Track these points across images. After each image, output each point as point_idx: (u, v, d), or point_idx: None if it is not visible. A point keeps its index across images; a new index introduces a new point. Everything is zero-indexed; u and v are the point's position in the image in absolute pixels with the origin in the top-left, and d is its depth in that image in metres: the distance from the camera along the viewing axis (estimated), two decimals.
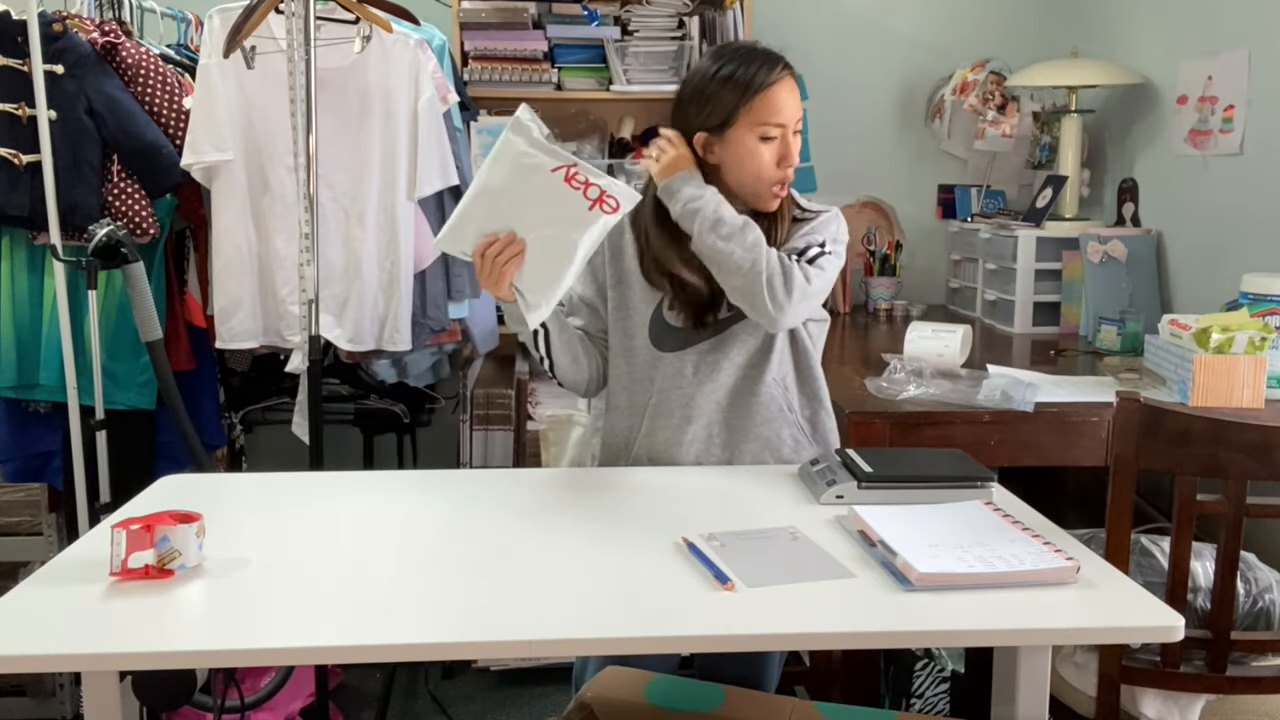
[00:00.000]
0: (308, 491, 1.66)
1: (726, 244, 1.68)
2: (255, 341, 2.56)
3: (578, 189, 1.60)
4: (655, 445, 1.81)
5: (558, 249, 1.62)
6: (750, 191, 1.76)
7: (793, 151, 1.74)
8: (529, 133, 1.61)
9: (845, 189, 3.48)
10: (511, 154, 1.61)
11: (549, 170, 1.60)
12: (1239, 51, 2.58)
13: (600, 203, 1.60)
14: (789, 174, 1.75)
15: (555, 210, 1.61)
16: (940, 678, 2.43)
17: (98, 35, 2.43)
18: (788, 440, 1.82)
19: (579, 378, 1.85)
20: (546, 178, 1.60)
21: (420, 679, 2.93)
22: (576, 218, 1.60)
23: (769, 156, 1.73)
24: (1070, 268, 2.98)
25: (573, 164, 1.60)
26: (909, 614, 1.22)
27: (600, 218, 1.61)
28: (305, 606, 1.23)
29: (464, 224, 1.65)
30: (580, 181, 1.60)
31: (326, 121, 2.36)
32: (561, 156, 1.61)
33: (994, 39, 3.44)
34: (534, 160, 1.60)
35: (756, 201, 1.77)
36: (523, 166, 1.60)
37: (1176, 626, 1.19)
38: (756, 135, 1.72)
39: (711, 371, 1.79)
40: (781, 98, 1.72)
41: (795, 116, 1.74)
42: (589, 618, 1.21)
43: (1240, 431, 1.56)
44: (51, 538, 2.67)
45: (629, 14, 3.04)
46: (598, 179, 1.61)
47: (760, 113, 1.72)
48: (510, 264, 1.61)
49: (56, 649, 1.13)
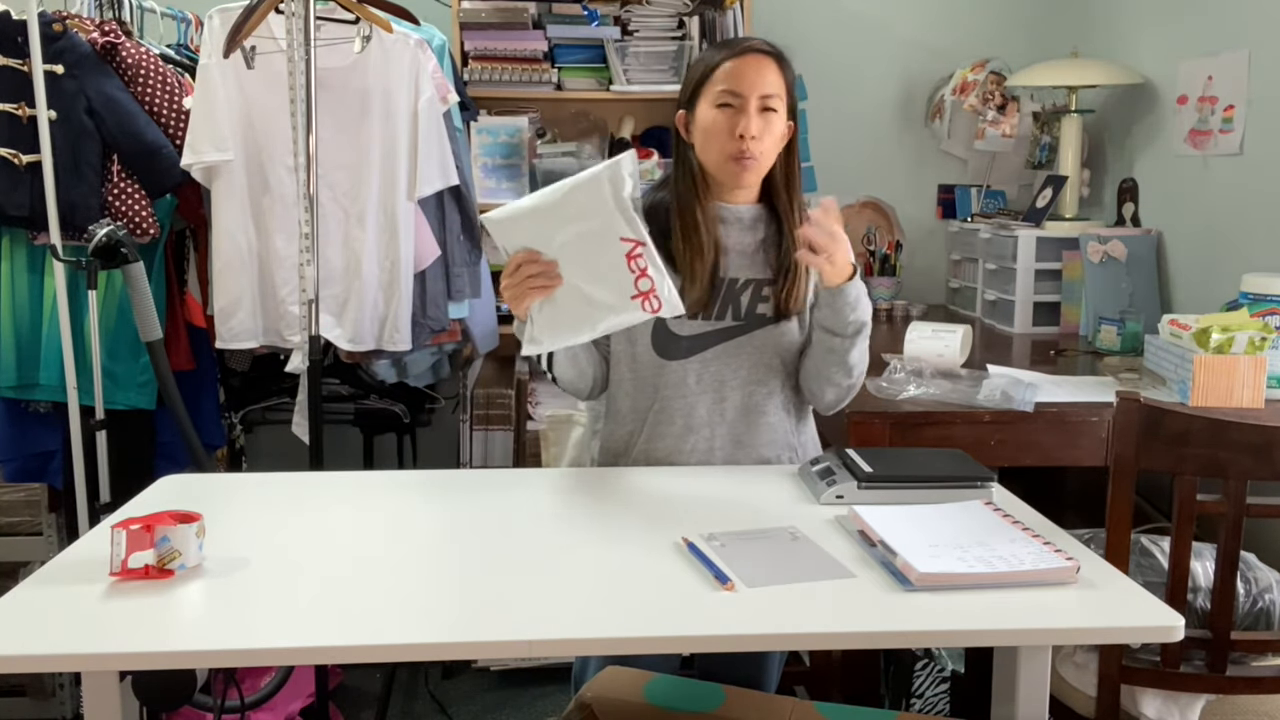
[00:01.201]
0: (308, 491, 1.66)
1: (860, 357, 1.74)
2: (255, 341, 2.56)
3: (634, 272, 1.55)
4: (654, 452, 1.80)
5: (584, 311, 1.59)
6: (715, 165, 1.74)
7: (752, 123, 1.69)
8: (622, 186, 1.54)
9: (845, 189, 3.48)
10: (595, 195, 1.54)
11: (619, 236, 1.55)
12: (1239, 51, 2.58)
13: (646, 298, 1.56)
14: (748, 146, 1.69)
15: (603, 276, 1.56)
16: (940, 678, 2.43)
17: (98, 35, 2.43)
18: (785, 461, 1.83)
19: (581, 385, 1.84)
20: (613, 241, 1.55)
21: (420, 679, 2.93)
22: (616, 296, 1.57)
23: (724, 125, 1.70)
24: (1070, 268, 2.98)
25: (643, 242, 1.55)
26: (909, 614, 1.22)
27: (636, 311, 1.57)
28: (305, 606, 1.23)
29: (518, 223, 1.60)
30: (639, 266, 1.55)
31: (326, 121, 2.36)
32: (637, 230, 1.55)
33: (994, 39, 3.44)
34: (611, 217, 1.54)
35: (724, 177, 1.74)
36: (599, 214, 1.54)
37: (1176, 626, 1.19)
38: (713, 104, 1.71)
39: (716, 383, 1.77)
40: (740, 68, 1.70)
41: (758, 89, 1.69)
42: (589, 618, 1.21)
43: (1240, 431, 1.56)
44: (51, 538, 2.67)
45: (629, 14, 3.04)
46: (656, 274, 1.56)
47: (717, 82, 1.71)
48: (539, 292, 1.59)
49: (56, 649, 1.13)
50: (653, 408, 1.80)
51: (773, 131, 1.73)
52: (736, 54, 1.72)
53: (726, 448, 1.80)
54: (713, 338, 1.77)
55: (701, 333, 1.77)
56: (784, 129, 1.75)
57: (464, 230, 2.66)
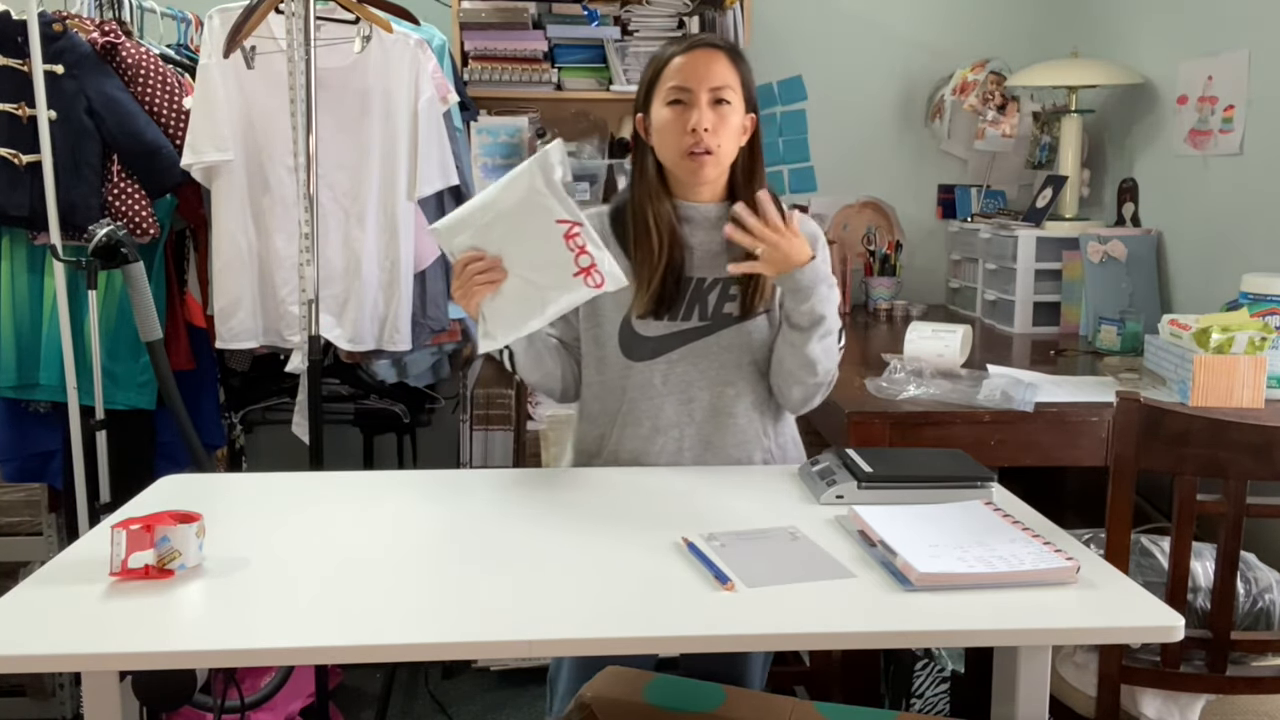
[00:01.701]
0: (308, 491, 1.66)
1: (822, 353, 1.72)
2: (255, 341, 2.56)
3: (573, 250, 1.58)
4: (623, 454, 1.79)
5: (533, 298, 1.61)
6: (671, 162, 1.73)
7: (704, 116, 1.67)
8: (552, 172, 1.58)
9: (845, 189, 3.48)
10: (527, 185, 1.59)
11: (554, 219, 1.58)
12: (1239, 51, 2.58)
13: (587, 274, 1.59)
14: (703, 140, 1.68)
15: (544, 260, 1.59)
16: (940, 678, 2.43)
17: (98, 35, 2.43)
18: (759, 462, 1.81)
19: (551, 386, 1.83)
20: (550, 225, 1.58)
21: (420, 679, 2.93)
22: (560, 277, 1.59)
23: (676, 121, 1.69)
24: (1070, 268, 2.98)
25: (578, 223, 1.58)
26: (909, 614, 1.22)
27: (581, 288, 1.60)
28: (305, 606, 1.23)
29: (460, 226, 1.64)
30: (578, 245, 1.58)
31: (326, 121, 2.36)
32: (571, 210, 1.58)
33: (994, 39, 3.44)
34: (545, 202, 1.58)
35: (681, 173, 1.74)
36: (532, 203, 1.58)
37: (1176, 626, 1.19)
38: (664, 102, 1.70)
39: (683, 384, 1.76)
40: (688, 63, 1.70)
41: (707, 82, 1.68)
42: (589, 618, 1.21)
43: (1240, 431, 1.56)
44: (51, 538, 2.67)
45: (629, 14, 3.04)
46: (595, 249, 1.59)
47: (667, 78, 1.71)
48: (485, 288, 1.61)
49: (56, 649, 1.13)
50: (621, 409, 1.78)
51: (727, 124, 1.71)
52: (684, 50, 1.72)
53: (695, 449, 1.78)
54: (678, 339, 1.76)
55: (667, 334, 1.75)
56: (741, 122, 1.73)
57: None
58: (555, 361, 1.80)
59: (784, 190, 3.49)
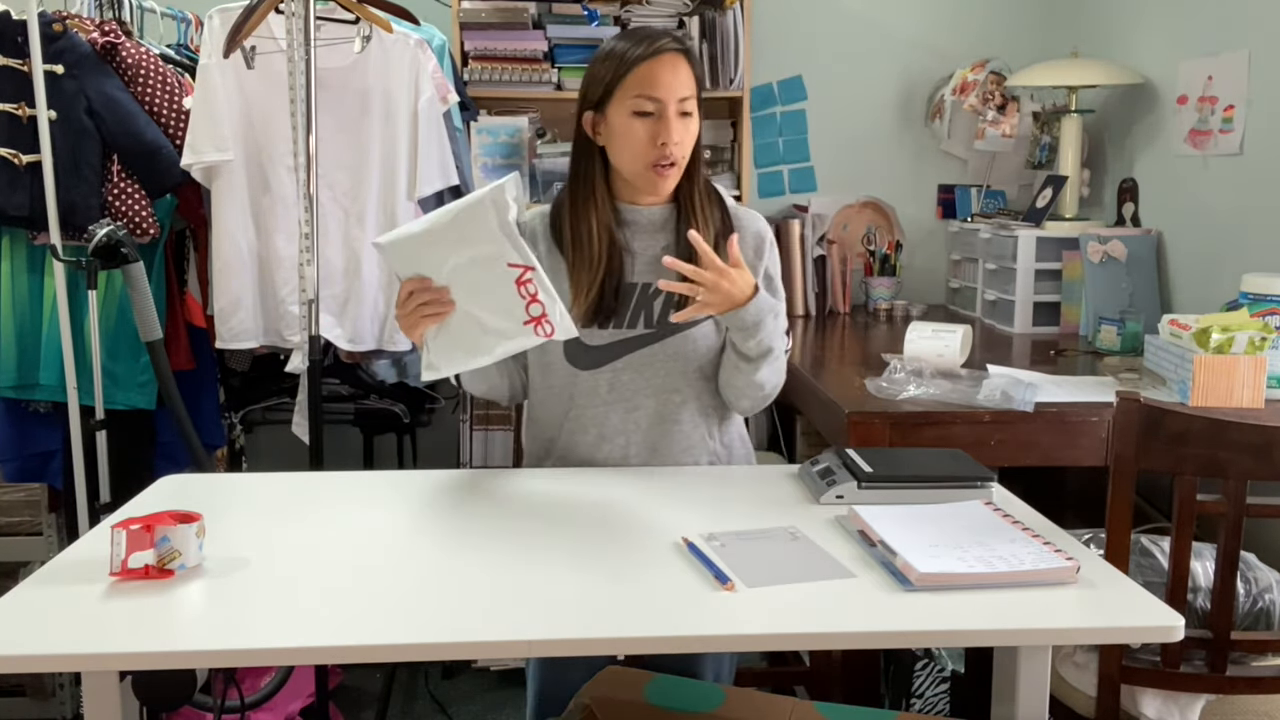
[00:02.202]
0: (308, 491, 1.66)
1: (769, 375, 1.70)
2: (255, 341, 2.56)
3: (524, 298, 1.53)
4: (571, 459, 1.77)
5: (478, 338, 1.58)
6: (631, 172, 1.68)
7: (673, 130, 1.64)
8: (506, 211, 1.51)
9: (845, 189, 3.48)
10: (481, 221, 1.52)
11: (506, 263, 1.52)
12: (1239, 51, 2.58)
13: (537, 323, 1.54)
14: (668, 153, 1.64)
15: (494, 303, 1.55)
16: (940, 678, 2.43)
17: (98, 35, 2.43)
18: (705, 464, 1.80)
19: (496, 395, 1.81)
20: (502, 269, 1.52)
21: (420, 679, 2.94)
22: (508, 322, 1.55)
23: (643, 133, 1.64)
24: (1070, 268, 2.98)
25: (530, 267, 1.52)
26: (909, 614, 1.22)
27: (529, 336, 1.55)
28: (305, 606, 1.23)
29: (410, 248, 1.57)
30: (529, 292, 1.53)
31: (326, 121, 2.36)
32: (523, 254, 1.52)
33: (994, 39, 3.44)
34: (498, 245, 1.52)
35: (642, 184, 1.69)
36: (485, 242, 1.52)
37: (1176, 626, 1.19)
38: (629, 111, 1.65)
39: (629, 392, 1.73)
40: (656, 72, 1.63)
41: (676, 94, 1.64)
42: (589, 618, 1.21)
43: (1240, 431, 1.56)
44: (51, 538, 2.67)
45: (629, 14, 3.04)
46: (546, 297, 1.53)
47: (632, 87, 1.64)
48: (430, 320, 1.56)
49: (56, 649, 1.13)
50: (568, 414, 1.76)
51: (690, 134, 1.69)
52: (650, 55, 1.64)
53: (641, 455, 1.76)
54: (624, 346, 1.72)
55: (612, 342, 1.72)
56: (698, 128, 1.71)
57: None
58: (500, 373, 1.77)
59: (784, 190, 3.50)
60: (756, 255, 1.77)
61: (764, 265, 1.77)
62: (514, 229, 1.52)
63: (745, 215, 1.80)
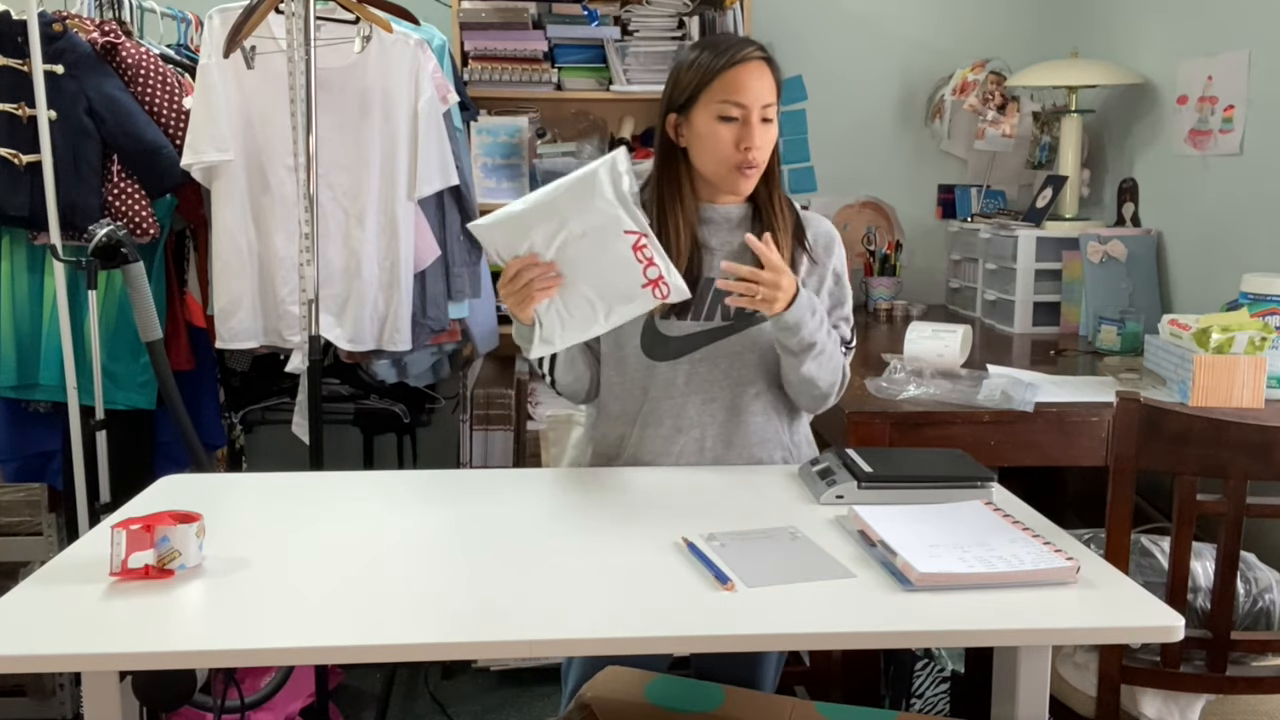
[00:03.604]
0: (308, 491, 1.66)
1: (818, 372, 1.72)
2: (255, 341, 2.56)
3: (641, 262, 1.56)
4: (644, 454, 1.79)
5: (596, 305, 1.59)
6: (714, 174, 1.73)
7: (756, 135, 1.69)
8: (620, 183, 1.55)
9: (845, 189, 3.48)
10: (593, 192, 1.54)
11: (622, 230, 1.55)
12: (1239, 51, 2.58)
13: (655, 285, 1.57)
14: (751, 157, 1.70)
15: (610, 270, 1.57)
16: (940, 678, 2.43)
17: (98, 35, 2.43)
18: (778, 461, 1.82)
19: (579, 388, 1.84)
20: (617, 235, 1.55)
21: (420, 679, 2.93)
22: (627, 287, 1.57)
23: (727, 137, 1.69)
24: (1070, 268, 2.98)
25: (645, 234, 1.56)
26: (909, 614, 1.22)
27: (648, 298, 1.58)
28: (305, 606, 1.23)
29: (514, 227, 1.58)
30: (645, 256, 1.56)
31: (326, 121, 2.36)
32: (639, 221, 1.56)
33: (994, 39, 3.44)
34: (614, 212, 1.55)
35: (724, 185, 1.74)
36: (600, 212, 1.54)
37: (1176, 626, 1.19)
38: (715, 115, 1.69)
39: (704, 384, 1.76)
40: (742, 78, 1.69)
41: (760, 100, 1.69)
42: (589, 618, 1.21)
43: (1240, 431, 1.56)
44: (51, 538, 2.67)
45: (629, 14, 3.04)
46: (662, 260, 1.57)
47: (718, 92, 1.69)
48: (543, 294, 1.59)
49: (56, 649, 1.13)
50: (642, 409, 1.79)
51: (771, 139, 1.73)
52: (737, 62, 1.70)
53: (716, 448, 1.79)
54: (701, 338, 1.76)
55: (690, 333, 1.76)
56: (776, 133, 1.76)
57: (464, 230, 2.66)
58: (585, 363, 1.81)
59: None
60: (826, 253, 1.83)
61: (833, 262, 1.83)
62: (629, 198, 1.55)
63: (814, 218, 1.87)
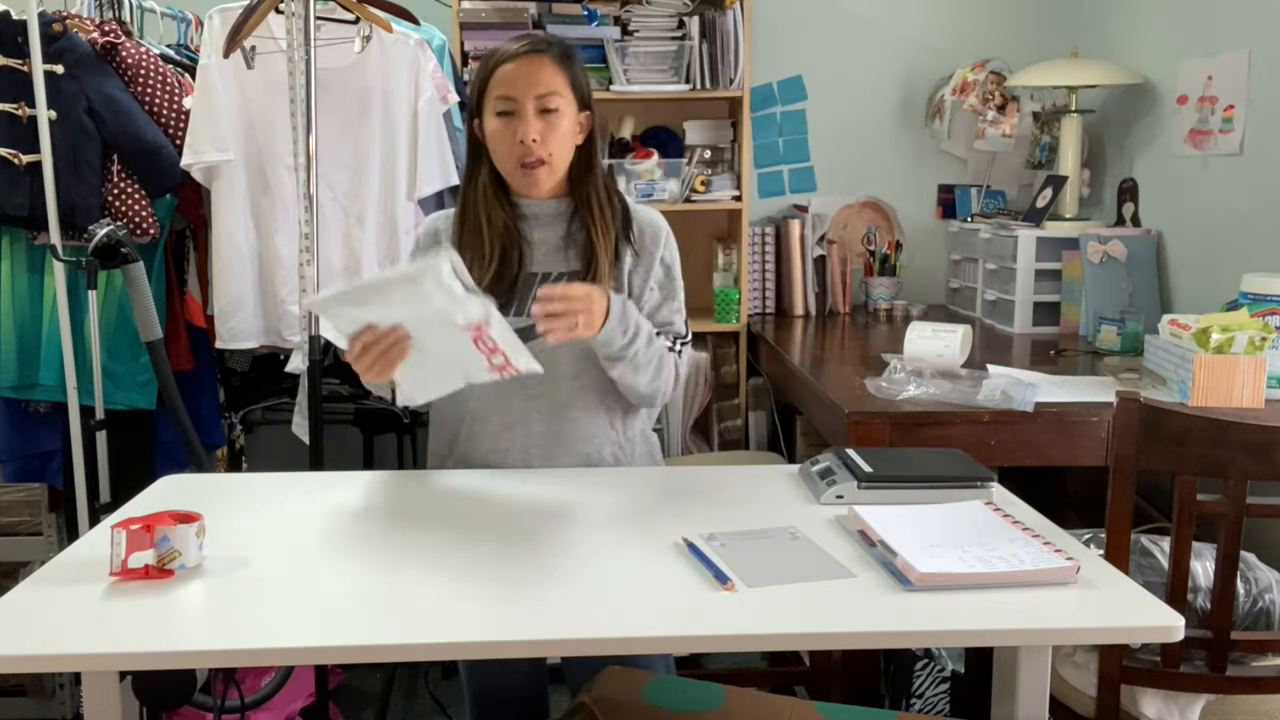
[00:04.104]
0: (308, 491, 1.66)
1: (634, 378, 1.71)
2: (255, 341, 2.56)
3: (483, 351, 1.52)
4: (474, 451, 1.78)
5: (446, 374, 1.57)
6: (507, 174, 1.74)
7: (530, 127, 1.68)
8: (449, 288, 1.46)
9: (845, 189, 3.48)
10: (419, 296, 1.47)
11: (459, 325, 1.48)
12: (1239, 51, 2.58)
13: (502, 370, 1.54)
14: (532, 151, 1.69)
15: (456, 350, 1.52)
16: (940, 678, 2.43)
17: (98, 35, 2.43)
18: (609, 458, 1.80)
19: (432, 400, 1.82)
20: (455, 329, 1.49)
21: (420, 679, 2.93)
22: (472, 369, 1.54)
23: (505, 131, 1.70)
24: (1070, 268, 2.98)
25: (485, 321, 1.48)
26: (909, 614, 1.22)
27: (495, 377, 1.55)
28: (305, 606, 1.23)
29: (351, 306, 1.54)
30: (487, 345, 1.51)
31: (326, 122, 2.36)
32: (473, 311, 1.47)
33: (994, 39, 3.44)
34: (446, 309, 1.47)
35: (515, 184, 1.75)
36: (434, 310, 1.47)
37: (1176, 626, 1.19)
38: (494, 113, 1.70)
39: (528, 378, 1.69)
40: (511, 72, 1.69)
41: (532, 91, 1.68)
42: (589, 618, 1.21)
43: (1240, 431, 1.56)
44: (51, 538, 2.67)
45: (629, 14, 3.04)
46: (506, 345, 1.50)
47: (493, 89, 1.70)
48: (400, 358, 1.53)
49: (56, 649, 1.13)
50: (469, 406, 1.78)
51: (557, 131, 1.71)
52: (509, 58, 1.70)
53: (544, 444, 1.77)
54: (522, 334, 1.70)
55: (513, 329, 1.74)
56: (574, 124, 1.74)
57: None
58: None
59: (784, 190, 3.50)
60: (654, 244, 1.81)
61: (660, 252, 1.81)
62: (460, 293, 1.47)
63: (644, 210, 1.86)
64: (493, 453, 1.78)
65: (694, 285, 2.24)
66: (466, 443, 1.80)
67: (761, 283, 3.37)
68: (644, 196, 3.06)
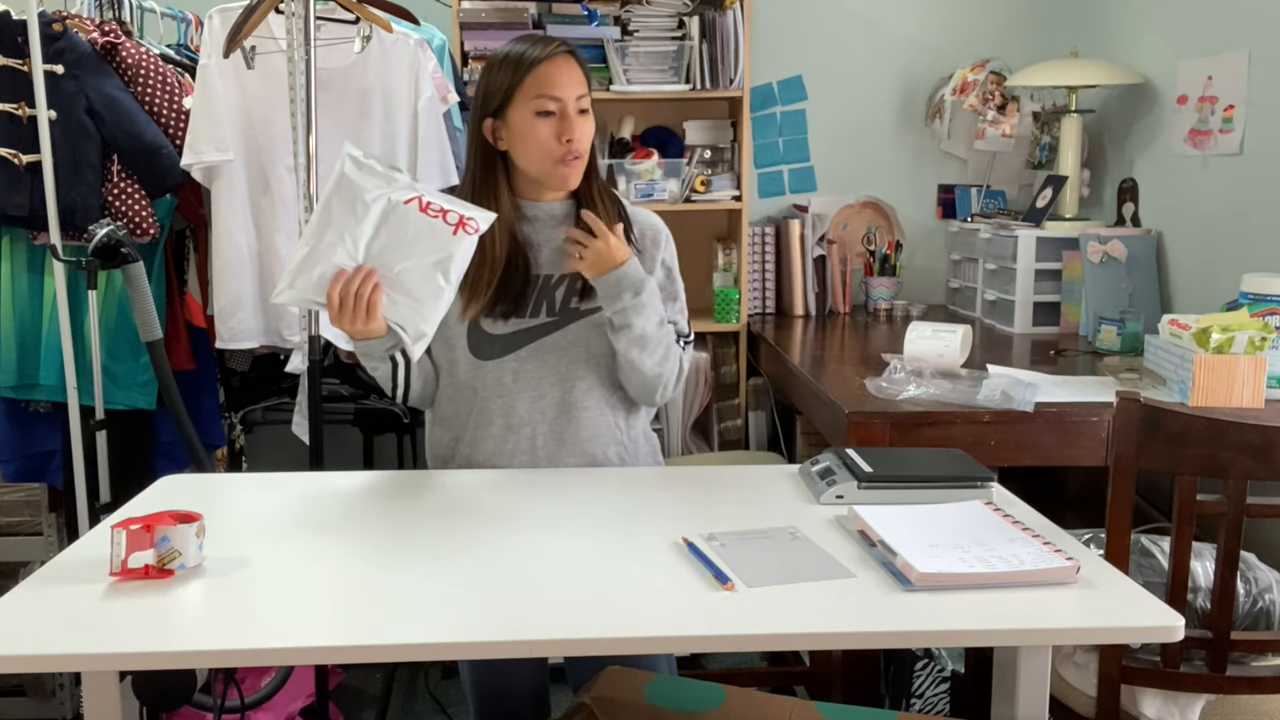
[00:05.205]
0: (308, 491, 1.66)
1: (640, 355, 1.73)
2: (255, 341, 2.56)
3: (435, 216, 1.55)
4: (477, 455, 1.79)
5: (426, 277, 1.58)
6: (539, 170, 1.75)
7: (575, 126, 1.72)
8: (368, 168, 1.55)
9: (845, 189, 3.48)
10: (354, 193, 1.54)
11: (401, 202, 1.54)
12: (1239, 51, 2.58)
13: (461, 226, 1.56)
14: (574, 148, 1.72)
15: (417, 241, 1.56)
16: (940, 678, 2.43)
17: (98, 35, 2.43)
18: (613, 458, 1.82)
19: (429, 390, 1.84)
20: (400, 212, 1.54)
21: (420, 679, 2.93)
22: (441, 243, 1.57)
23: (547, 131, 1.72)
24: (1070, 268, 2.98)
25: (418, 192, 1.55)
26: (909, 614, 1.22)
27: (465, 239, 1.58)
28: (305, 606, 1.23)
29: (309, 268, 1.57)
30: (435, 210, 1.55)
31: (326, 122, 2.36)
32: (403, 187, 1.55)
33: (994, 39, 3.44)
34: (380, 195, 1.54)
35: (550, 180, 1.76)
36: (370, 203, 1.54)
37: (1176, 626, 1.19)
38: (532, 112, 1.71)
39: (533, 380, 1.77)
40: (554, 73, 1.72)
41: (574, 92, 1.72)
42: (589, 618, 1.21)
43: (1240, 431, 1.56)
44: (51, 538, 2.67)
45: (629, 14, 3.04)
46: (452, 204, 1.56)
47: (532, 89, 1.71)
48: (377, 293, 1.57)
49: (56, 649, 1.13)
50: (473, 410, 1.79)
51: (589, 130, 1.76)
52: (545, 59, 1.72)
53: (549, 446, 1.78)
54: (527, 335, 1.77)
55: (515, 331, 1.77)
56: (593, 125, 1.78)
57: None
58: (431, 368, 1.82)
59: (784, 190, 3.51)
60: (654, 245, 1.84)
61: (661, 254, 1.85)
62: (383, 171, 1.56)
63: (642, 213, 1.89)
64: (498, 455, 1.78)
65: (694, 285, 2.24)
66: (470, 446, 1.80)
67: (761, 283, 3.37)
68: (644, 197, 3.06)
